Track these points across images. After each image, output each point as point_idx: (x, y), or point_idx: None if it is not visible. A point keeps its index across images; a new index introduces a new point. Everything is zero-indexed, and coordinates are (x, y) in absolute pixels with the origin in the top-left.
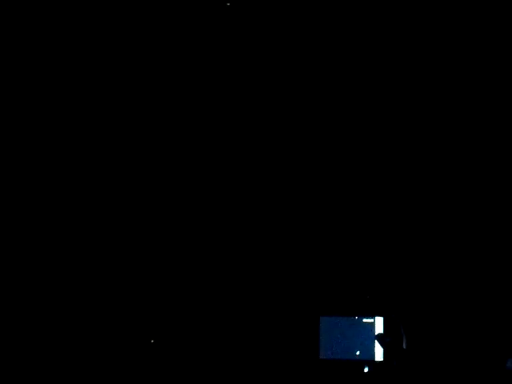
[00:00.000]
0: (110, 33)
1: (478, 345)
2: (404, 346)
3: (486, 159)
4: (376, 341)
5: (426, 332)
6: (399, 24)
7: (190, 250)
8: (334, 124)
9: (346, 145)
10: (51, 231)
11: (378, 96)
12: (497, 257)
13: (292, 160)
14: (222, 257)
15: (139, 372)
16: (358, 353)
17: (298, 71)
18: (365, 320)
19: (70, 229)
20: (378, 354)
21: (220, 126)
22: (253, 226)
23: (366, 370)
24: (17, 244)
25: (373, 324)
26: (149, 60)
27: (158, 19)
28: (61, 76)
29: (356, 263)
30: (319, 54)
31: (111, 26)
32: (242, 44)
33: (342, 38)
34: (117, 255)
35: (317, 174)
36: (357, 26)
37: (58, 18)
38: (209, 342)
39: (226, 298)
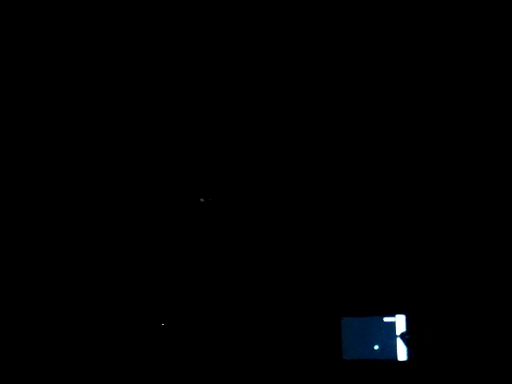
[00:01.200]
0: (110, 32)
1: (499, 344)
2: (427, 343)
3: (486, 159)
4: (399, 340)
5: (448, 329)
6: (399, 24)
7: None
8: (334, 124)
9: (347, 147)
10: (50, 230)
11: (377, 96)
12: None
13: (301, 162)
14: (239, 258)
15: (144, 371)
16: (381, 352)
17: (297, 71)
18: (386, 319)
19: (69, 228)
20: (401, 353)
21: (220, 126)
22: (270, 227)
23: (376, 347)
24: (16, 244)
25: (394, 323)
26: (149, 60)
27: (159, 19)
28: (61, 76)
29: (373, 262)
30: (319, 53)
31: (111, 25)
32: (241, 44)
33: (341, 37)
34: (116, 253)
35: (327, 173)
36: (357, 26)
37: (58, 17)
38: (229, 343)
39: (244, 301)
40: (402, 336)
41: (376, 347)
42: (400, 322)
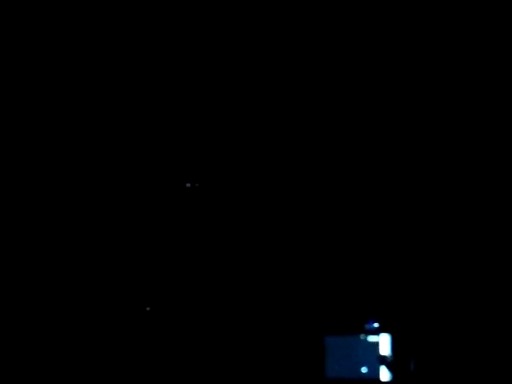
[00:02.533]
0: (110, 32)
1: (486, 365)
2: (411, 367)
3: (486, 159)
4: (382, 360)
5: (433, 352)
6: (399, 24)
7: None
8: (333, 124)
9: (347, 150)
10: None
11: (377, 96)
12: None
13: (294, 163)
14: (225, 274)
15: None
16: (363, 371)
17: (297, 71)
18: (370, 339)
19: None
20: (384, 373)
21: (220, 126)
22: (254, 243)
23: (363, 370)
24: (16, 244)
25: (377, 343)
26: (148, 60)
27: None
28: (60, 75)
29: (359, 281)
30: (319, 53)
31: (111, 25)
32: (241, 44)
33: (341, 37)
34: (116, 251)
35: (317, 182)
36: (357, 26)
37: (57, 17)
38: (213, 361)
39: (230, 317)
40: (385, 359)
41: (360, 367)
42: (384, 342)
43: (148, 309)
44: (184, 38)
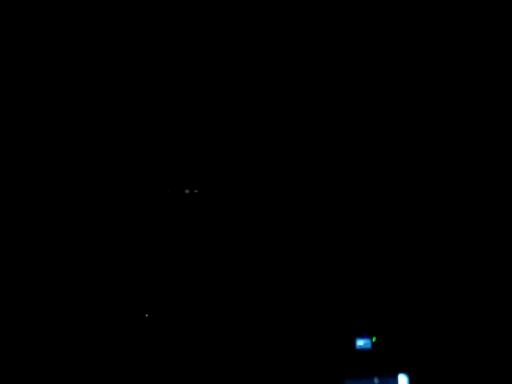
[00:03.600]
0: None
1: None
2: None
3: (486, 159)
4: None
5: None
6: (399, 24)
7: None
8: (334, 124)
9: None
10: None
11: (378, 96)
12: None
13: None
14: (224, 282)
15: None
16: None
17: (297, 71)
18: (387, 380)
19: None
20: None
21: (220, 126)
22: (254, 252)
23: (376, 381)
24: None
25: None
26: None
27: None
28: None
29: (374, 320)
30: (319, 53)
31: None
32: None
33: (341, 37)
34: (98, 244)
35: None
36: (357, 26)
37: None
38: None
39: (240, 360)
40: None
41: None
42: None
43: (147, 315)
44: (177, 41)
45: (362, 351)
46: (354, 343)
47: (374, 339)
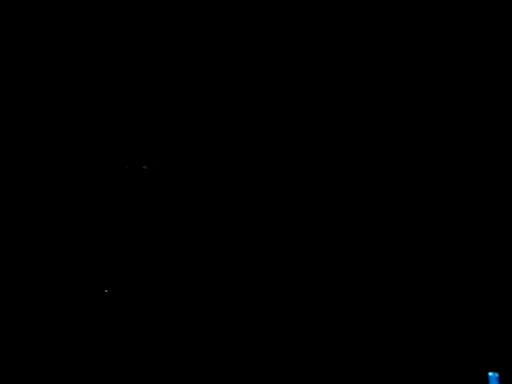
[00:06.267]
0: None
1: None
2: None
3: (486, 159)
4: None
5: None
6: (399, 24)
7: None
8: (333, 124)
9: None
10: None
11: (378, 96)
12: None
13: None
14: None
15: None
16: None
17: (297, 71)
18: None
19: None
20: None
21: (219, 126)
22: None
23: None
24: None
25: None
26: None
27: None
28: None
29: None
30: (319, 53)
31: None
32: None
33: (341, 37)
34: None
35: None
36: (357, 26)
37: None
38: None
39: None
40: None
41: None
42: None
43: (146, 316)
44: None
45: None
46: None
47: None
